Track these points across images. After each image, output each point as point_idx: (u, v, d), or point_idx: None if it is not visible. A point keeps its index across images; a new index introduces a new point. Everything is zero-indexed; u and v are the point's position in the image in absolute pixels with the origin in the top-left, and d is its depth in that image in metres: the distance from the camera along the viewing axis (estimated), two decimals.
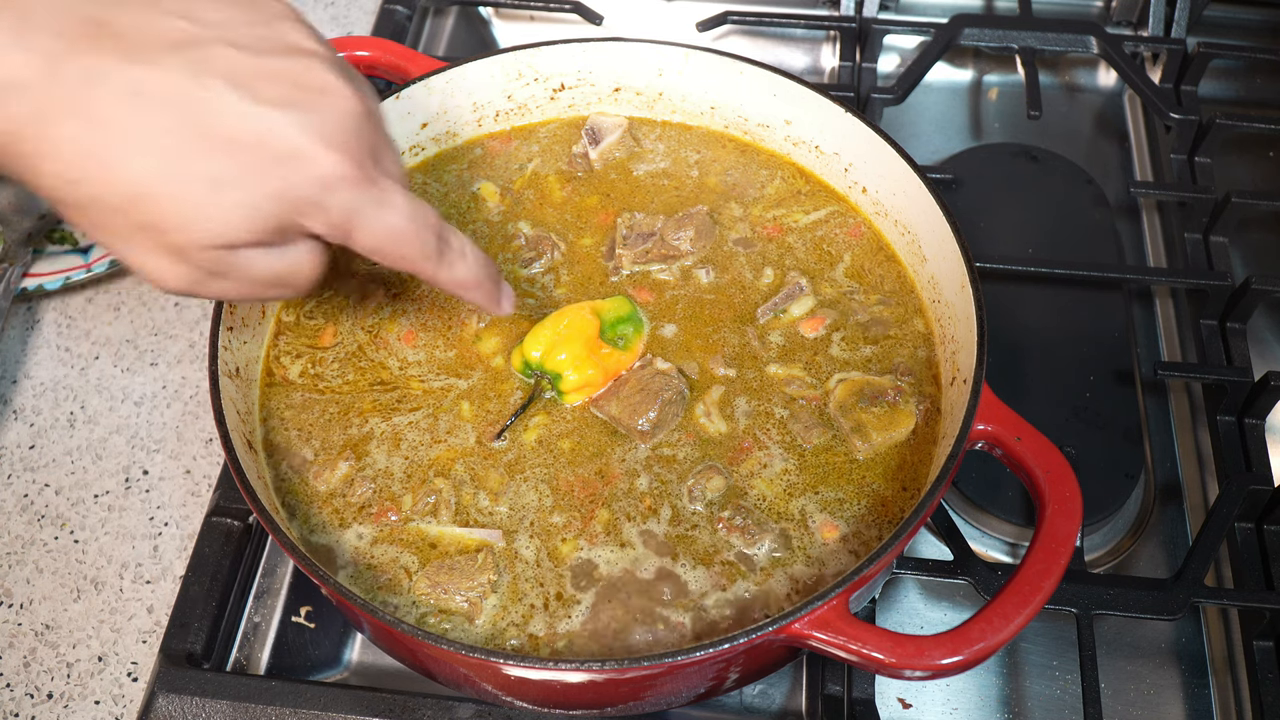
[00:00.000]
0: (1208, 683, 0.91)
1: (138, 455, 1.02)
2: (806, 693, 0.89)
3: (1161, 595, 0.88)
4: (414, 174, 1.01)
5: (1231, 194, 1.11)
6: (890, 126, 1.26)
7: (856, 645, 0.69)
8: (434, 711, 0.83)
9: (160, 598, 0.94)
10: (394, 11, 1.31)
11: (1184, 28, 1.29)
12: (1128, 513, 0.98)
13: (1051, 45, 1.25)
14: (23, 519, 0.98)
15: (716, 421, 0.85)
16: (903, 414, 0.84)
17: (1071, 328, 1.07)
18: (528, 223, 0.97)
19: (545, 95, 1.03)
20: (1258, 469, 0.97)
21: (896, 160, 0.91)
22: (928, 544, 0.97)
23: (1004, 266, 1.08)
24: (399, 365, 0.89)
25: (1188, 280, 1.09)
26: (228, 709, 0.83)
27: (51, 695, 0.89)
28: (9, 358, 1.08)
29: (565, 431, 0.85)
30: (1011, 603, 0.70)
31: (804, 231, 0.97)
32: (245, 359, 0.86)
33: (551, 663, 0.69)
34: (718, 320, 0.91)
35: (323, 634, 0.93)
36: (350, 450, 0.84)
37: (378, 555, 0.79)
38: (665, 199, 0.99)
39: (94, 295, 1.13)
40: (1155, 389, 1.06)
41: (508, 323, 0.91)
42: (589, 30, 1.32)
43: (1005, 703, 0.90)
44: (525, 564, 0.79)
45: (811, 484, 0.82)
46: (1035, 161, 1.21)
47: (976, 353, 0.79)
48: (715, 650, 0.68)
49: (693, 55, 1.00)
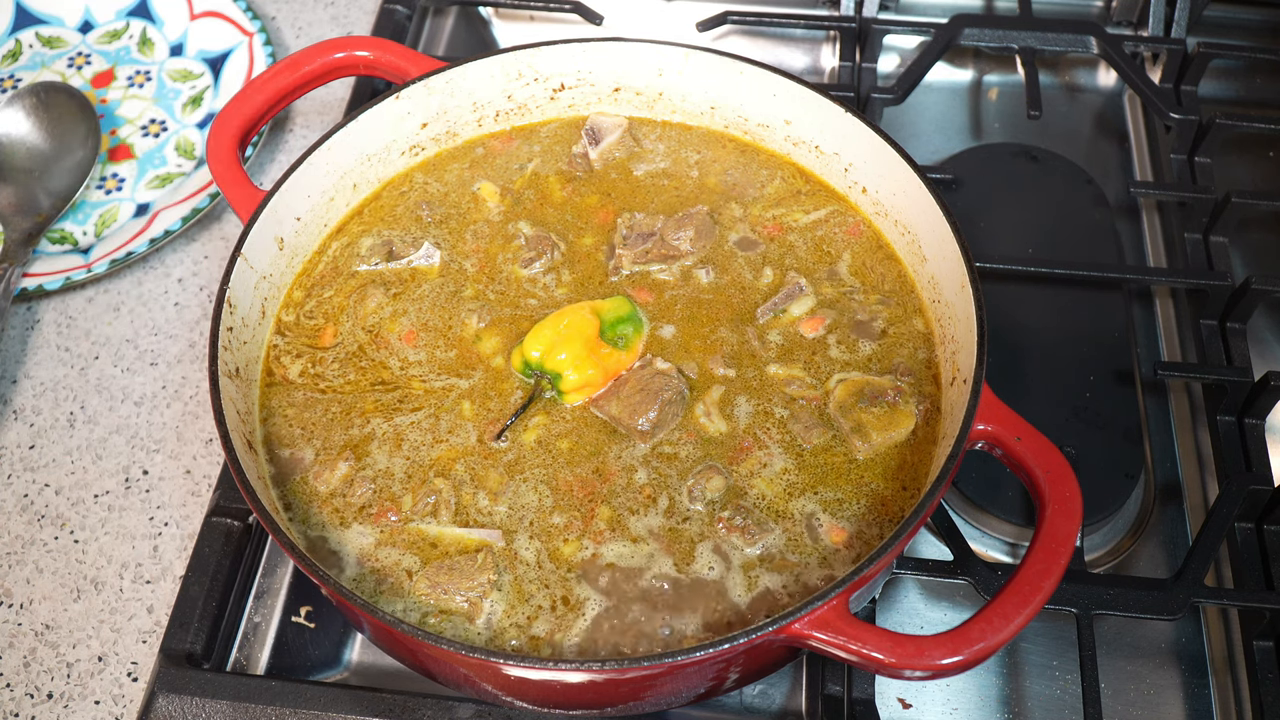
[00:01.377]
0: (1208, 683, 0.91)
1: (138, 455, 1.02)
2: (806, 693, 0.89)
3: (1161, 595, 0.88)
4: (414, 174, 1.01)
5: (1231, 194, 1.11)
6: (890, 126, 1.26)
7: (856, 645, 0.69)
8: (434, 711, 0.83)
9: (160, 598, 0.94)
10: (394, 11, 1.31)
11: (1184, 28, 1.29)
12: (1128, 513, 0.98)
13: (1051, 45, 1.25)
14: (23, 519, 0.98)
15: (716, 421, 0.85)
16: (903, 414, 0.84)
17: (1071, 328, 1.07)
18: (528, 223, 0.97)
19: (545, 95, 1.03)
20: (1258, 469, 0.97)
21: (896, 160, 0.91)
22: (928, 544, 0.97)
23: (1004, 266, 1.08)
24: (400, 365, 0.89)
25: (1188, 280, 1.09)
26: (228, 709, 0.83)
27: (51, 695, 0.89)
28: (9, 358, 1.08)
29: (564, 431, 0.85)
30: (1011, 603, 0.70)
31: (804, 231, 0.97)
32: (245, 359, 0.86)
33: (551, 663, 0.69)
34: (717, 320, 0.91)
35: (323, 634, 0.93)
36: (350, 450, 0.84)
37: (379, 556, 0.79)
38: (665, 199, 0.99)
39: (94, 295, 1.13)
40: (1155, 389, 1.06)
41: (508, 323, 0.91)
42: (589, 30, 1.32)
43: (1005, 703, 0.90)
44: (526, 564, 0.79)
45: (811, 484, 0.82)
46: (1035, 161, 1.21)
47: (976, 353, 0.79)
48: (715, 650, 0.68)
49: (693, 55, 1.00)
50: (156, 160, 1.23)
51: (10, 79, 1.29)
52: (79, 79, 1.29)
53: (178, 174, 1.21)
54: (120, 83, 1.29)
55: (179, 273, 1.14)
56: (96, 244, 1.15)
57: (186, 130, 1.25)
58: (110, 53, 1.32)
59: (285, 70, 0.98)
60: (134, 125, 1.25)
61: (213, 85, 1.28)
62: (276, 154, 1.24)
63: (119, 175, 1.21)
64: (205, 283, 1.13)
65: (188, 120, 1.26)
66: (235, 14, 1.31)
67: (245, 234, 0.88)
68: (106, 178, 1.21)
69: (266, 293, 0.91)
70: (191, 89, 1.28)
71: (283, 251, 0.93)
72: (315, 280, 0.94)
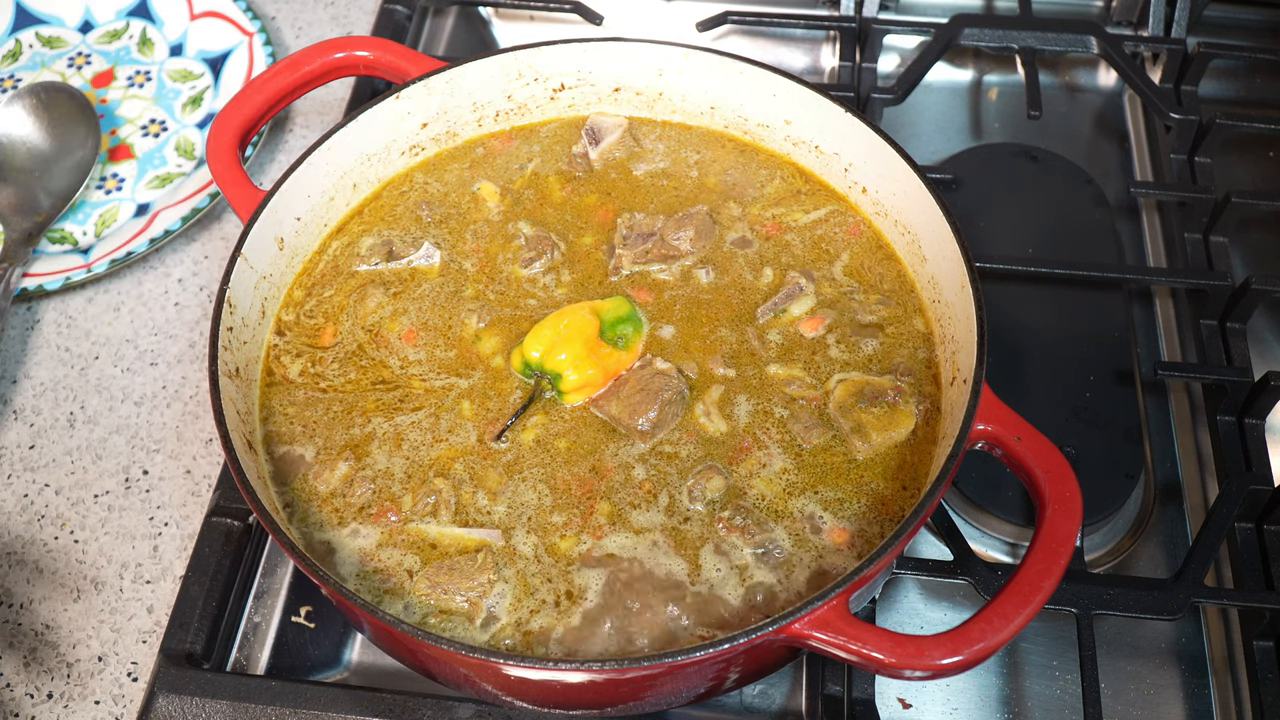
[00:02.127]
0: (1208, 683, 0.91)
1: (138, 455, 1.02)
2: (806, 693, 0.89)
3: (1161, 595, 0.88)
4: (414, 174, 1.01)
5: (1231, 194, 1.11)
6: (890, 126, 1.26)
7: (856, 645, 0.69)
8: (434, 711, 0.83)
9: (160, 598, 0.94)
10: (394, 11, 1.31)
11: (1184, 28, 1.29)
12: (1128, 513, 0.98)
13: (1051, 45, 1.25)
14: (23, 519, 0.98)
15: (716, 421, 0.85)
16: (902, 414, 0.84)
17: (1071, 328, 1.07)
18: (528, 222, 0.97)
19: (545, 95, 1.03)
20: (1258, 469, 0.97)
21: (896, 160, 0.91)
22: (928, 544, 0.97)
23: (1004, 266, 1.08)
24: (400, 364, 0.89)
25: (1188, 280, 1.09)
26: (228, 709, 0.83)
27: (51, 695, 0.89)
28: (9, 358, 1.08)
29: (562, 431, 0.85)
30: (1011, 603, 0.70)
31: (803, 230, 0.97)
32: (245, 359, 0.86)
33: (551, 663, 0.69)
34: (717, 320, 0.91)
35: (323, 634, 0.93)
36: (350, 450, 0.84)
37: (379, 556, 0.79)
38: (665, 199, 0.99)
39: (94, 295, 1.13)
40: (1155, 389, 1.06)
41: (507, 323, 0.91)
42: (589, 30, 1.32)
43: (1005, 703, 0.90)
44: (525, 561, 0.79)
45: (811, 484, 0.82)
46: (1035, 161, 1.21)
47: (976, 353, 0.79)
48: (715, 650, 0.68)
49: (693, 55, 1.00)
50: (156, 160, 1.23)
51: (10, 79, 1.29)
52: (79, 79, 1.29)
53: (178, 174, 1.21)
54: (120, 83, 1.29)
55: (179, 273, 1.14)
56: (96, 244, 1.15)
57: (186, 130, 1.25)
58: (110, 53, 1.32)
59: (285, 70, 0.98)
60: (134, 125, 1.25)
61: (213, 85, 1.28)
62: (276, 154, 1.24)
63: (119, 175, 1.21)
64: (205, 283, 1.13)
65: (188, 120, 1.26)
66: (235, 14, 1.31)
67: (245, 234, 0.88)
68: (106, 178, 1.21)
69: (266, 293, 0.91)
70: (191, 89, 1.28)
71: (283, 251, 0.93)
72: (315, 280, 0.94)
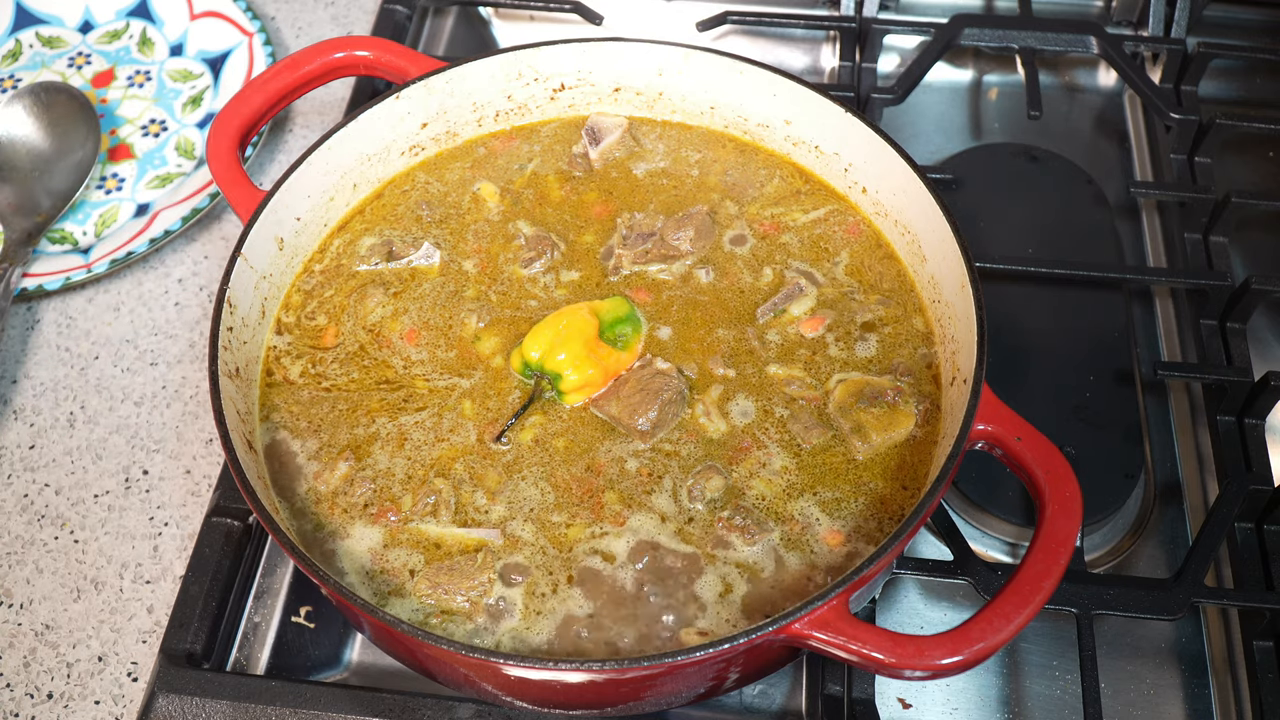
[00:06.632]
0: (1208, 683, 0.91)
1: (138, 455, 1.02)
2: (806, 693, 0.89)
3: (1161, 595, 0.88)
4: (414, 174, 1.01)
5: (1231, 194, 1.11)
6: (890, 126, 1.26)
7: (856, 645, 0.69)
8: (434, 711, 0.83)
9: (160, 598, 0.94)
10: (394, 11, 1.31)
11: (1184, 28, 1.29)
12: (1128, 513, 0.98)
13: (1051, 45, 1.25)
14: (23, 519, 0.98)
15: (716, 421, 0.85)
16: (902, 414, 0.84)
17: (1071, 328, 1.07)
18: (527, 222, 0.97)
19: (545, 95, 1.03)
20: (1258, 469, 0.97)
21: (896, 160, 0.91)
22: (928, 544, 0.97)
23: (1004, 266, 1.08)
24: (403, 364, 0.89)
25: (1188, 280, 1.09)
26: (228, 709, 0.83)
27: (51, 695, 0.89)
28: (9, 358, 1.08)
29: (561, 431, 0.85)
30: (1011, 603, 0.70)
31: (803, 230, 0.97)
32: (245, 359, 0.86)
33: (551, 663, 0.69)
34: (717, 320, 0.91)
35: (323, 634, 0.93)
36: (351, 450, 0.84)
37: (379, 556, 0.79)
38: (665, 199, 0.99)
39: (94, 295, 1.13)
40: (1155, 389, 1.06)
41: (507, 323, 0.91)
42: (589, 30, 1.31)
43: (1005, 703, 0.90)
44: (525, 558, 0.79)
45: (811, 484, 0.82)
46: (1035, 161, 1.21)
47: (976, 353, 0.79)
48: (715, 650, 0.68)
49: (693, 55, 1.00)
50: (156, 160, 1.23)
51: (10, 79, 1.29)
52: (79, 79, 1.29)
53: (178, 174, 1.21)
54: (120, 83, 1.29)
55: (179, 273, 1.14)
56: (96, 244, 1.15)
57: (186, 130, 1.25)
58: (110, 53, 1.32)
59: (285, 70, 0.98)
60: (134, 125, 1.25)
61: (213, 85, 1.28)
62: (276, 154, 1.24)
63: (119, 175, 1.21)
64: (205, 283, 1.13)
65: (188, 120, 1.26)
66: (235, 14, 1.31)
67: (245, 234, 0.88)
68: (106, 178, 1.21)
69: (266, 293, 0.91)
70: (191, 89, 1.28)
71: (283, 251, 0.93)
72: (316, 280, 0.94)
